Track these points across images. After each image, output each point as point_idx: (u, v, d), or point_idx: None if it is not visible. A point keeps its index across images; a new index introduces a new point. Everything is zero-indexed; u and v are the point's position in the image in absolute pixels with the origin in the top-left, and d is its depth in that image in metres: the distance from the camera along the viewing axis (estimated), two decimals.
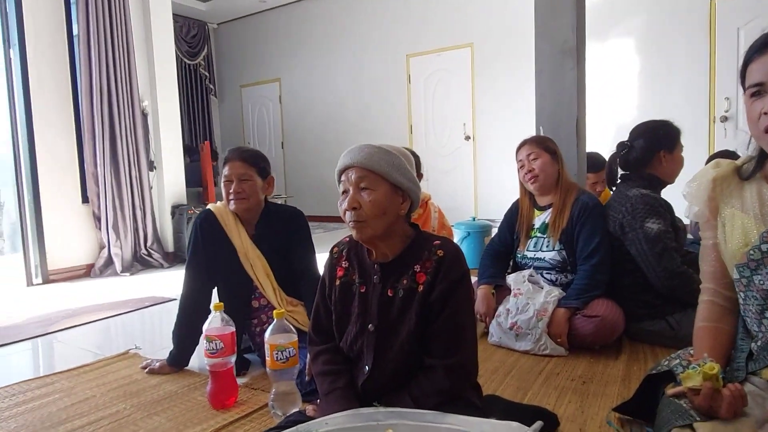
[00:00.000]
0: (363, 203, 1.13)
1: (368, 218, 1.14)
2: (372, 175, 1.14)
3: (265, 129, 7.88)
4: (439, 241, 1.20)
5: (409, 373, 1.19)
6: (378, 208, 1.13)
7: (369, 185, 1.14)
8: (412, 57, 6.47)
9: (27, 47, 3.76)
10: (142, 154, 4.30)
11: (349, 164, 1.16)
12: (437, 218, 2.70)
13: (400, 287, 1.19)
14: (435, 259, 1.17)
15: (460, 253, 1.21)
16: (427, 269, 1.17)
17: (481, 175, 6.15)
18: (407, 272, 1.19)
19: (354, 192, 1.14)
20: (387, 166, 1.15)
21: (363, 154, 1.15)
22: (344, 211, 1.16)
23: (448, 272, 1.16)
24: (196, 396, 1.79)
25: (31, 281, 3.85)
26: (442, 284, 1.15)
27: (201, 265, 1.98)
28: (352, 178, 1.15)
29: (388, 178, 1.15)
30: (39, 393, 1.87)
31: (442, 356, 1.15)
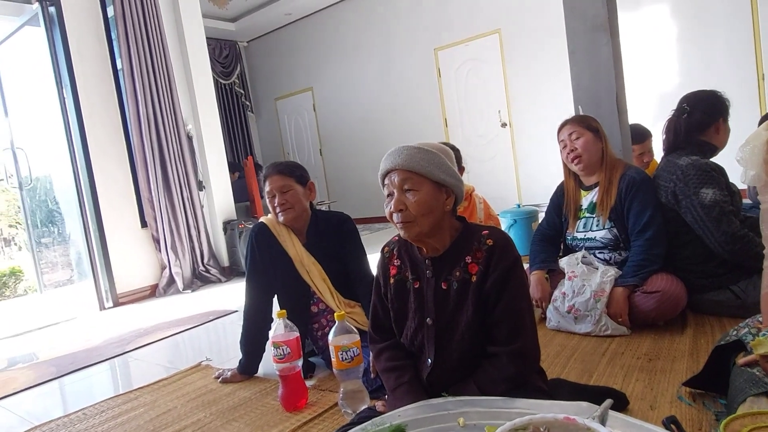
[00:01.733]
0: (408, 204, 1.17)
1: (415, 218, 1.17)
2: (414, 176, 1.18)
3: (303, 138, 8.04)
4: (487, 231, 1.23)
5: (472, 362, 1.22)
6: (423, 207, 1.17)
7: (412, 186, 1.17)
8: (440, 50, 6.45)
9: (78, 86, 4.00)
10: (191, 175, 4.50)
11: (390, 168, 1.20)
12: (483, 209, 2.71)
13: (454, 279, 1.21)
14: (485, 249, 1.19)
15: (510, 240, 1.23)
16: (479, 259, 1.19)
17: (522, 161, 6.06)
18: (459, 264, 1.21)
19: (399, 194, 1.18)
20: (428, 165, 1.18)
21: (403, 157, 1.19)
22: (390, 213, 1.20)
23: (499, 260, 1.18)
24: (269, 401, 1.87)
25: (103, 305, 4.09)
26: (495, 272, 1.17)
27: (260, 276, 2.06)
28: (396, 181, 1.19)
29: (430, 177, 1.18)
30: (125, 408, 2.01)
31: (504, 343, 1.17)
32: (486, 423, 0.97)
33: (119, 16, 4.12)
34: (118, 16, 4.12)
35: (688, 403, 1.39)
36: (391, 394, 1.30)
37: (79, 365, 2.67)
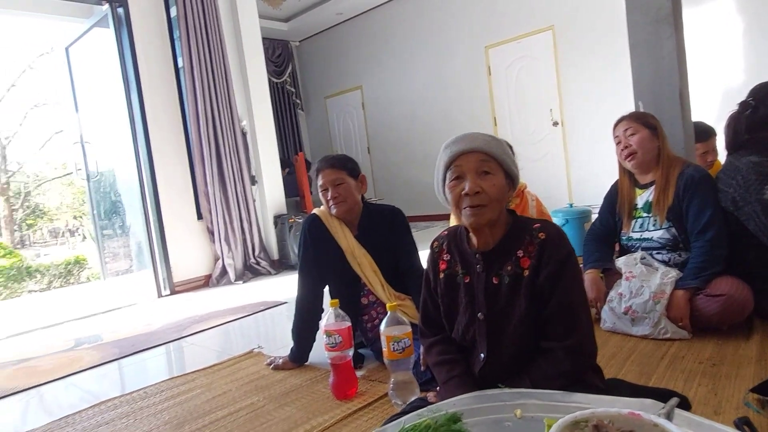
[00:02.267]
0: (485, 187, 1.15)
1: (490, 202, 1.15)
2: (492, 160, 1.17)
3: (351, 136, 8.13)
4: (538, 224, 1.20)
5: (526, 357, 1.20)
6: (498, 193, 1.16)
7: (490, 170, 1.16)
8: (491, 48, 6.37)
9: (142, 84, 4.20)
10: (244, 170, 4.64)
11: (467, 149, 1.18)
12: (535, 206, 2.66)
13: (505, 274, 1.20)
14: (537, 242, 1.17)
15: (563, 233, 1.20)
16: (531, 253, 1.17)
17: (574, 161, 5.91)
18: (510, 258, 1.20)
19: (474, 176, 1.16)
20: (502, 153, 1.18)
21: (480, 141, 1.18)
22: (461, 196, 1.17)
23: (552, 254, 1.16)
24: (319, 388, 1.91)
25: (161, 293, 4.28)
26: (548, 266, 1.15)
27: (312, 268, 2.11)
28: (472, 163, 1.16)
29: (503, 164, 1.18)
30: (183, 389, 2.10)
31: (559, 338, 1.15)
32: (544, 416, 0.95)
33: (181, 16, 4.30)
34: (180, 16, 4.30)
35: (756, 410, 1.32)
36: (442, 386, 1.31)
37: (139, 348, 2.81)
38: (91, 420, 1.89)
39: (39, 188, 17.54)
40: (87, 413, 1.96)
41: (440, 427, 0.98)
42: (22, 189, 16.78)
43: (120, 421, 1.84)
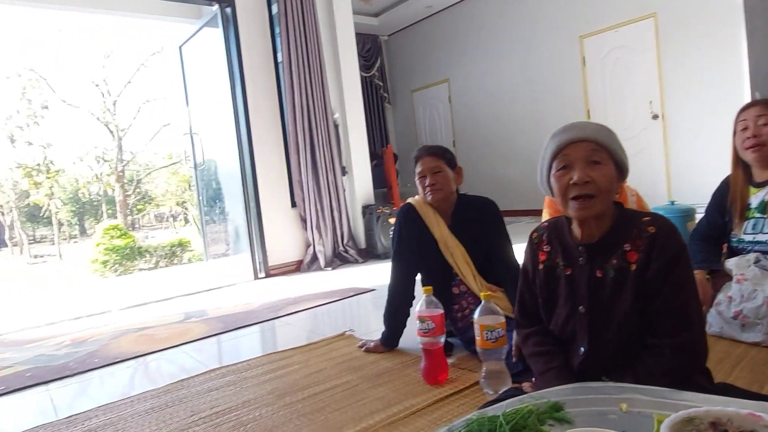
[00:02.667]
0: (595, 177, 1.12)
1: (599, 192, 1.12)
2: (602, 150, 1.14)
3: (437, 129, 8.13)
4: (648, 217, 1.16)
5: (629, 353, 1.17)
6: (610, 182, 1.13)
7: (601, 159, 1.13)
8: (586, 38, 6.09)
9: (245, 78, 4.49)
10: (336, 161, 4.81)
11: (578, 138, 1.15)
12: (635, 202, 2.54)
13: (610, 267, 1.16)
14: (647, 236, 1.13)
15: (674, 228, 1.15)
16: (639, 247, 1.13)
17: (674, 157, 5.52)
18: (616, 251, 1.16)
19: (583, 165, 1.13)
20: (613, 143, 1.15)
21: (591, 129, 1.15)
22: (568, 186, 1.14)
23: (663, 248, 1.11)
24: (410, 372, 1.97)
25: (257, 275, 4.57)
26: (658, 261, 1.11)
27: (405, 255, 2.17)
28: (581, 152, 1.14)
29: (613, 155, 1.15)
30: (282, 364, 2.24)
31: (669, 335, 1.11)
32: (652, 411, 0.94)
33: (282, 13, 4.53)
34: (281, 13, 4.53)
35: None
36: (539, 377, 1.30)
37: (240, 324, 3.03)
38: (202, 385, 2.08)
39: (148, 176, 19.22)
40: (198, 379, 2.16)
41: (542, 413, 0.99)
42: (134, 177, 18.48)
43: (227, 388, 2.02)
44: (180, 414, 1.82)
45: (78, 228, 20.47)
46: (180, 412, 1.83)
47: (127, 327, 3.25)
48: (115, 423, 1.81)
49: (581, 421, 0.95)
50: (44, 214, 18.96)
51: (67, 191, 18.99)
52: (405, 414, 1.62)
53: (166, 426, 1.74)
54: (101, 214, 19.02)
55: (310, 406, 1.77)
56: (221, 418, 1.75)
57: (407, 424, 1.56)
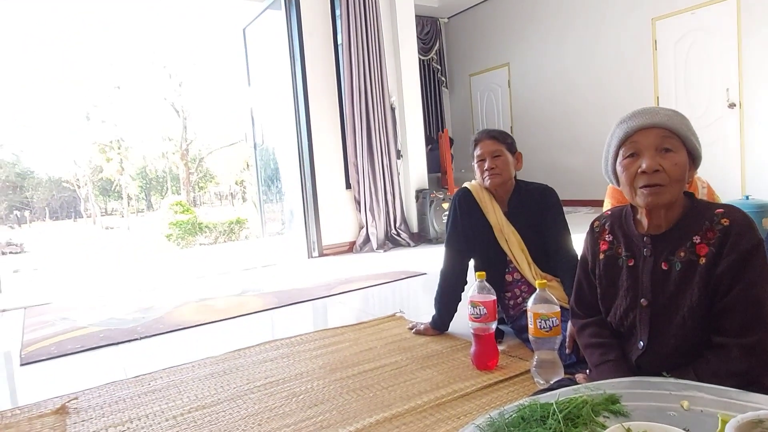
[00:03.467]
0: (665, 165, 1.07)
1: (670, 182, 1.07)
2: (674, 136, 1.08)
3: (494, 115, 7.95)
4: (722, 209, 1.09)
5: (691, 350, 1.12)
6: (680, 172, 1.07)
7: (672, 147, 1.08)
8: (659, 20, 5.74)
9: (306, 60, 4.55)
10: (391, 144, 4.82)
11: (647, 124, 1.09)
12: (705, 194, 2.40)
13: (677, 260, 1.11)
14: (719, 229, 1.07)
15: (751, 221, 1.08)
16: (710, 240, 1.07)
17: (752, 148, 5.15)
18: (684, 244, 1.11)
19: (653, 153, 1.08)
20: (687, 130, 1.09)
21: (662, 115, 1.10)
22: (636, 174, 1.10)
23: (737, 242, 1.05)
24: (459, 357, 1.97)
25: (311, 254, 4.68)
26: (730, 256, 1.05)
27: (459, 240, 2.15)
28: (652, 139, 1.09)
29: (686, 142, 1.09)
30: (333, 340, 2.30)
31: (737, 334, 1.05)
32: (717, 411, 0.90)
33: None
34: None
35: None
36: (594, 369, 1.27)
37: (294, 300, 3.12)
38: (258, 356, 2.17)
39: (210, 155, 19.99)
40: (255, 349, 2.25)
41: (598, 404, 0.97)
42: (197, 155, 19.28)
43: (282, 360, 2.09)
44: (237, 381, 1.91)
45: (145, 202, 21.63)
46: (237, 380, 1.92)
47: (188, 297, 3.43)
48: (177, 385, 1.92)
49: (638, 415, 0.92)
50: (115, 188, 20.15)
51: (136, 167, 20.07)
52: (453, 397, 1.63)
53: (224, 391, 1.83)
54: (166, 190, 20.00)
55: (359, 383, 1.81)
56: (275, 388, 1.82)
57: (455, 407, 1.57)
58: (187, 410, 1.70)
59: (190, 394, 1.83)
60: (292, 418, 1.59)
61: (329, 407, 1.64)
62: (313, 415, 1.59)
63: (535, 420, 0.92)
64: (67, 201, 21.87)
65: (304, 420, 1.57)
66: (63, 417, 1.74)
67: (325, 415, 1.59)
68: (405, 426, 1.48)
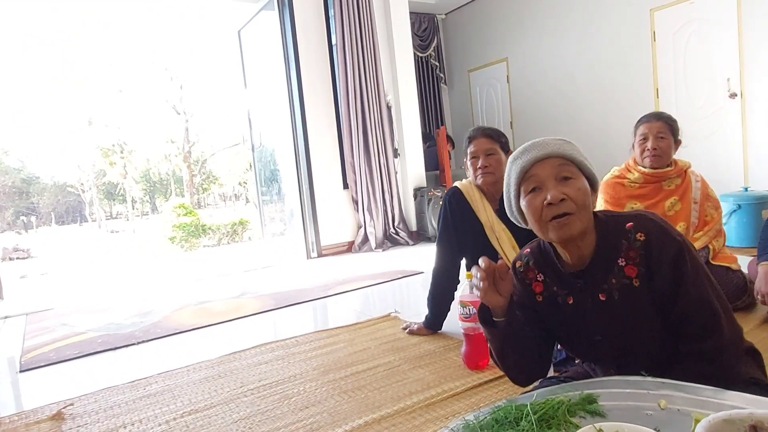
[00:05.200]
0: (569, 193, 1.02)
1: (577, 209, 1.02)
2: (570, 164, 1.05)
3: (493, 110, 7.92)
4: (632, 222, 1.05)
5: (663, 364, 1.11)
6: (585, 197, 1.03)
7: (571, 174, 1.04)
8: (657, 11, 5.70)
9: (300, 61, 4.55)
10: (388, 143, 4.82)
11: (542, 155, 1.06)
12: (699, 188, 2.39)
13: (612, 288, 1.07)
14: (638, 246, 1.03)
15: (663, 224, 1.05)
16: (634, 260, 1.04)
17: (753, 139, 5.10)
18: (612, 270, 1.06)
19: (555, 183, 1.03)
20: (579, 155, 1.06)
21: (554, 145, 1.07)
22: (544, 207, 1.03)
23: (661, 254, 1.02)
24: (451, 356, 1.98)
25: (310, 255, 4.70)
26: (661, 270, 1.02)
27: (451, 239, 2.15)
28: (549, 170, 1.04)
29: (582, 168, 1.06)
30: (328, 342, 2.31)
31: (699, 339, 1.03)
32: (692, 410, 0.90)
33: None
34: None
35: None
36: None
37: (292, 301, 3.14)
38: (253, 358, 2.18)
39: (212, 157, 20.07)
40: (250, 352, 2.26)
41: (574, 405, 0.97)
42: (200, 157, 19.35)
43: (276, 363, 2.10)
44: (230, 384, 1.92)
45: (149, 205, 21.74)
46: (230, 383, 1.94)
47: (187, 300, 3.45)
48: (172, 389, 1.94)
49: (615, 415, 0.92)
50: (119, 191, 20.26)
51: (139, 170, 20.16)
52: (443, 397, 1.64)
53: (217, 395, 1.84)
54: (170, 193, 20.10)
55: (351, 384, 1.82)
56: (268, 391, 1.83)
57: (444, 406, 1.58)
58: (180, 414, 1.72)
59: (183, 398, 1.85)
60: (284, 421, 1.60)
61: (321, 409, 1.65)
62: (305, 417, 1.61)
63: (509, 422, 0.93)
64: (73, 206, 22.04)
65: (295, 422, 1.58)
66: (59, 423, 1.76)
67: (316, 417, 1.60)
68: (394, 427, 1.49)
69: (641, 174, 2.35)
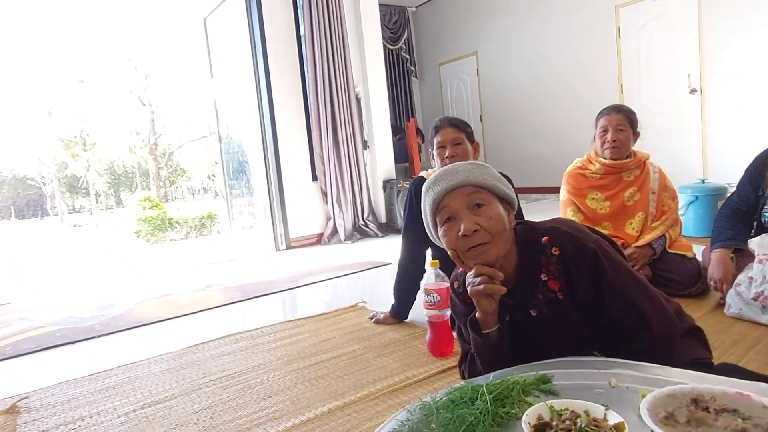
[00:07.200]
0: (482, 223, 1.01)
1: (492, 237, 1.02)
2: (482, 190, 1.04)
3: (463, 104, 7.98)
4: (546, 235, 1.07)
5: None
6: (500, 223, 1.02)
7: (483, 201, 1.03)
8: (622, 7, 5.83)
9: (268, 51, 4.48)
10: (357, 135, 4.80)
11: (452, 186, 1.04)
12: (657, 179, 2.46)
13: (540, 304, 1.08)
14: (555, 261, 1.05)
15: (574, 231, 1.06)
16: (554, 274, 1.06)
17: (712, 134, 5.29)
18: (537, 285, 1.08)
19: (467, 214, 1.02)
20: (490, 179, 1.06)
21: (463, 173, 1.05)
22: (458, 238, 1.03)
23: (577, 266, 1.03)
24: (416, 344, 1.99)
25: (278, 247, 4.65)
26: (581, 281, 1.04)
27: (416, 229, 2.16)
28: (460, 201, 1.03)
29: (495, 191, 1.05)
30: (293, 332, 2.30)
31: (634, 339, 1.06)
32: (640, 387, 0.93)
33: None
34: None
35: None
36: None
37: (259, 293, 3.10)
38: (216, 350, 2.15)
39: (180, 150, 19.64)
40: (214, 343, 2.23)
41: (529, 385, 0.99)
42: (166, 150, 18.90)
43: (240, 353, 2.08)
44: (192, 375, 1.89)
45: (114, 199, 21.16)
46: (192, 374, 1.90)
47: (151, 293, 3.37)
48: (132, 381, 1.90)
49: (567, 393, 0.94)
50: (82, 185, 19.65)
51: (103, 163, 19.58)
52: (406, 383, 1.65)
53: (178, 386, 1.81)
54: (136, 186, 19.60)
55: (315, 372, 1.81)
56: (230, 381, 1.81)
57: (408, 393, 1.59)
58: (140, 406, 1.69)
59: (144, 390, 1.81)
60: (245, 410, 1.58)
61: (283, 398, 1.64)
62: (267, 407, 1.59)
63: (464, 402, 0.94)
64: (33, 199, 21.27)
65: (257, 411, 1.57)
66: (14, 417, 1.70)
67: (278, 405, 1.59)
68: (356, 414, 1.49)
69: (602, 165, 2.41)
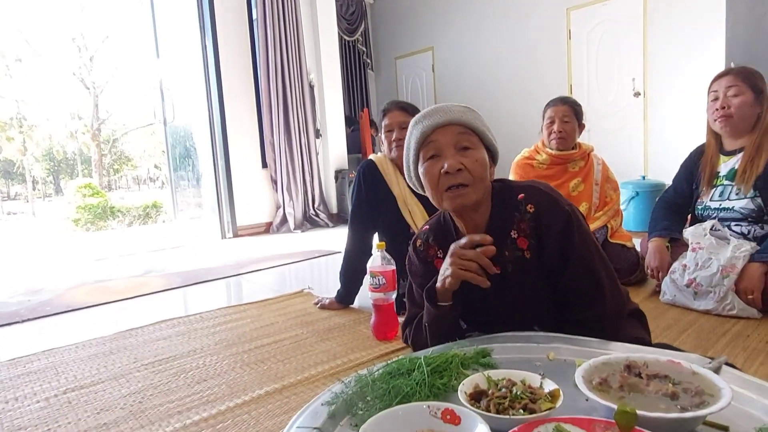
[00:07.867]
0: (467, 164, 1.00)
1: (474, 181, 1.00)
2: (471, 133, 1.03)
3: (419, 98, 8.00)
4: (523, 193, 1.06)
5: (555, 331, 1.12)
6: (483, 169, 1.02)
7: (470, 144, 1.02)
8: (573, 10, 5.99)
9: (218, 34, 4.32)
10: (309, 123, 4.71)
11: (443, 122, 1.02)
12: (600, 171, 2.52)
13: (506, 261, 1.06)
14: (529, 218, 1.04)
15: (552, 194, 1.06)
16: (525, 232, 1.04)
17: (653, 135, 5.52)
18: (506, 242, 1.06)
19: (453, 152, 1.01)
20: (481, 125, 1.05)
21: (457, 111, 1.03)
22: (441, 176, 1.01)
23: (550, 226, 1.02)
24: (361, 329, 1.96)
25: (225, 235, 4.51)
26: (550, 241, 1.03)
27: (364, 213, 2.12)
28: (449, 137, 1.01)
29: (483, 138, 1.05)
30: (234, 317, 2.21)
31: (587, 308, 1.05)
32: (578, 359, 0.92)
33: None
34: None
35: None
36: None
37: (200, 279, 2.98)
38: (151, 334, 2.04)
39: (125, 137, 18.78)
40: (149, 329, 2.12)
41: (468, 358, 0.97)
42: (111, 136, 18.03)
43: (176, 338, 1.98)
44: (122, 360, 1.78)
45: (53, 186, 20.00)
46: (122, 359, 1.79)
47: (84, 279, 3.18)
48: (56, 366, 1.77)
49: (506, 367, 0.93)
50: (17, 170, 18.49)
51: (41, 148, 18.49)
52: (349, 366, 1.62)
53: (107, 371, 1.70)
54: (77, 173, 18.61)
55: (255, 357, 1.74)
56: (163, 365, 1.72)
57: (349, 375, 1.54)
58: (62, 391, 1.57)
59: (68, 374, 1.69)
60: (177, 394, 1.50)
61: (219, 382, 1.57)
62: (201, 390, 1.52)
63: (402, 374, 0.91)
64: None
65: (191, 395, 1.49)
66: None
67: (213, 389, 1.52)
68: (295, 396, 1.44)
69: (548, 155, 2.45)
